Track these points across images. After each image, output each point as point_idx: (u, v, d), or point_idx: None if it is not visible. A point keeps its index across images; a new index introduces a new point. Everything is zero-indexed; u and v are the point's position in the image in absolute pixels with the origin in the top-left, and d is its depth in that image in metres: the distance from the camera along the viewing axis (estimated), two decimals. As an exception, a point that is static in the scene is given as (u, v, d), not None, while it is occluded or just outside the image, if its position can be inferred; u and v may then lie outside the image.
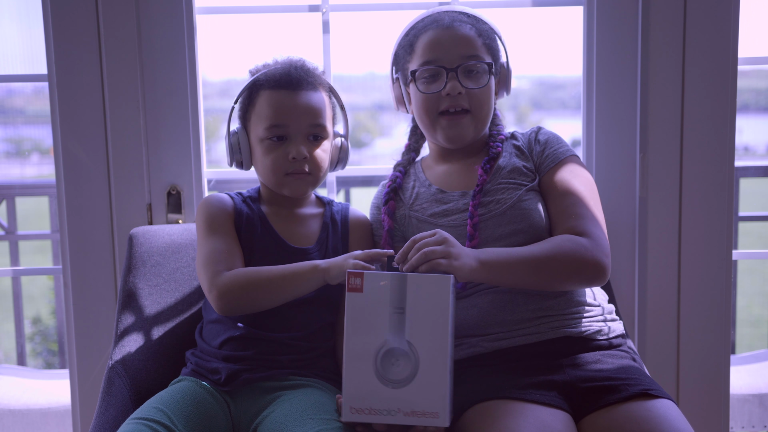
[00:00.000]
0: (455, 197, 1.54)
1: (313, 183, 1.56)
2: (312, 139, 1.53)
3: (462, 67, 1.51)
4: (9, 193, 3.14)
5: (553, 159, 1.54)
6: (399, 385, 1.25)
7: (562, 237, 1.43)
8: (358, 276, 1.26)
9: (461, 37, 1.52)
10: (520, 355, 1.42)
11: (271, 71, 1.55)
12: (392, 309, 1.25)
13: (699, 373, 1.90)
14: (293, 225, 1.57)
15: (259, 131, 1.53)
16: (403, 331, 1.25)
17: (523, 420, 1.27)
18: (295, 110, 1.51)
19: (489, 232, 1.48)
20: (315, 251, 1.54)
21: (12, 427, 2.17)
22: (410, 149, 1.68)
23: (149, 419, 1.31)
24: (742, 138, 7.80)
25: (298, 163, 1.51)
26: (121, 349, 1.58)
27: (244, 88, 1.56)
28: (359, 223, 1.61)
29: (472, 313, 1.47)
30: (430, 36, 1.53)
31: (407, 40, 1.57)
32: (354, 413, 1.26)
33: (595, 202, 1.50)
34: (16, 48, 2.40)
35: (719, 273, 1.88)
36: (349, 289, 1.27)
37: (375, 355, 1.25)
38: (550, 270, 1.39)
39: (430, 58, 1.52)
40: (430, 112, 1.54)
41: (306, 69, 1.56)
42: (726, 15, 1.81)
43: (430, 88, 1.53)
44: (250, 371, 1.44)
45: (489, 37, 1.56)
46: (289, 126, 1.51)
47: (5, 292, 3.92)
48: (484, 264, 1.35)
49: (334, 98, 1.61)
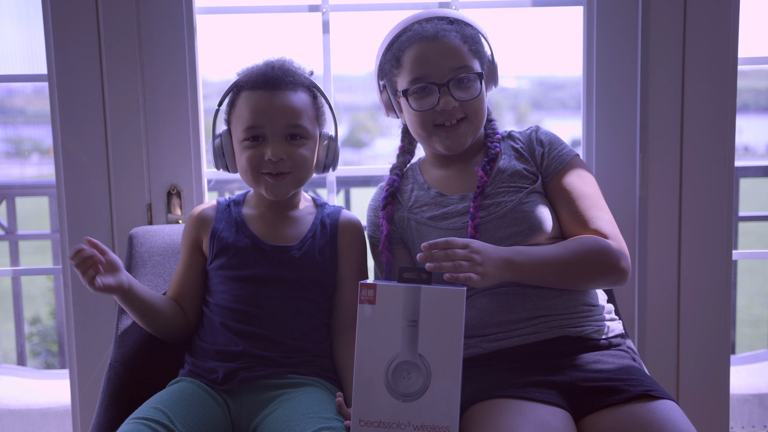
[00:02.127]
0: (455, 200, 1.54)
1: (296, 183, 1.54)
2: (290, 139, 1.51)
3: (452, 81, 1.50)
4: (9, 193, 3.14)
5: (558, 162, 1.54)
6: (410, 399, 1.23)
7: (591, 239, 1.44)
8: (371, 288, 1.25)
9: (448, 49, 1.50)
10: (519, 356, 1.42)
11: (249, 72, 1.54)
12: (405, 322, 1.23)
13: (699, 373, 1.90)
14: (278, 226, 1.57)
15: (238, 133, 1.52)
16: (415, 344, 1.23)
17: (522, 418, 1.26)
18: (270, 110, 1.49)
19: (489, 234, 1.48)
20: (296, 249, 1.53)
21: (12, 427, 2.17)
22: (404, 151, 1.67)
23: (149, 419, 1.31)
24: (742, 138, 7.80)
25: (274, 165, 1.49)
26: (121, 349, 1.58)
27: (227, 90, 1.56)
28: (349, 226, 1.59)
29: (471, 314, 1.47)
30: (416, 51, 1.51)
31: (392, 54, 1.55)
32: (363, 426, 1.25)
33: (604, 204, 1.52)
34: (16, 48, 2.40)
35: (719, 273, 1.88)
36: (361, 301, 1.25)
37: (386, 367, 1.24)
38: (578, 272, 1.42)
39: (419, 75, 1.50)
40: (425, 126, 1.53)
41: (285, 69, 1.53)
42: (726, 15, 1.81)
43: (422, 105, 1.51)
44: (247, 370, 1.44)
45: (474, 40, 1.53)
46: (265, 127, 1.50)
47: (5, 292, 3.92)
48: (514, 267, 1.37)
49: (321, 98, 1.58)
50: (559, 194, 1.52)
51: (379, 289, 1.24)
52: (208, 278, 1.55)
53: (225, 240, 1.54)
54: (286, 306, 1.49)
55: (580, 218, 1.48)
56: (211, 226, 1.57)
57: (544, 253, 1.40)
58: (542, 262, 1.40)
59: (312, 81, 1.57)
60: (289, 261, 1.52)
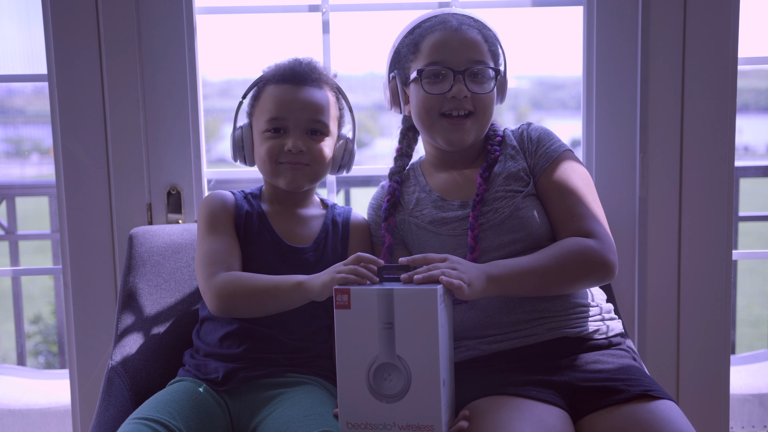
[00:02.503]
0: (455, 206, 1.53)
1: (312, 177, 1.55)
2: (311, 134, 1.53)
3: (469, 71, 1.50)
4: (9, 193, 3.14)
5: (546, 158, 1.52)
6: (393, 400, 1.24)
7: (569, 241, 1.42)
8: (344, 293, 1.25)
9: (469, 41, 1.51)
10: (518, 357, 1.42)
11: (276, 67, 1.57)
12: (381, 324, 1.24)
13: (699, 373, 1.90)
14: (293, 224, 1.57)
15: (261, 124, 1.54)
16: (393, 345, 1.24)
17: (519, 414, 1.27)
18: (295, 104, 1.52)
19: (488, 242, 1.47)
20: (311, 251, 1.54)
21: (12, 427, 2.17)
22: (402, 154, 1.65)
23: (149, 419, 1.31)
24: (742, 138, 7.80)
25: (294, 156, 1.51)
26: (121, 349, 1.58)
27: (252, 83, 1.59)
28: (360, 227, 1.61)
29: (470, 316, 1.47)
30: (437, 37, 1.52)
31: (411, 39, 1.56)
32: (350, 428, 1.26)
33: (593, 198, 1.50)
34: (16, 48, 2.40)
35: (719, 273, 1.88)
36: (336, 306, 1.25)
37: (367, 370, 1.25)
38: (560, 277, 1.40)
39: (437, 59, 1.51)
40: (431, 111, 1.52)
41: (312, 66, 1.57)
42: (726, 15, 1.81)
43: (434, 89, 1.51)
44: (246, 369, 1.44)
45: (493, 44, 1.55)
46: (288, 119, 1.52)
47: (5, 292, 3.92)
48: (494, 280, 1.35)
49: (343, 100, 1.62)
50: (547, 192, 1.50)
51: (353, 293, 1.25)
52: None
53: (248, 233, 1.53)
54: (296, 310, 1.47)
55: (565, 217, 1.47)
56: (233, 211, 1.55)
57: (522, 263, 1.39)
58: (521, 271, 1.37)
59: (336, 83, 1.60)
60: (304, 263, 1.52)
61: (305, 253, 1.53)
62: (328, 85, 1.58)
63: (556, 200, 1.49)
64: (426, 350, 1.23)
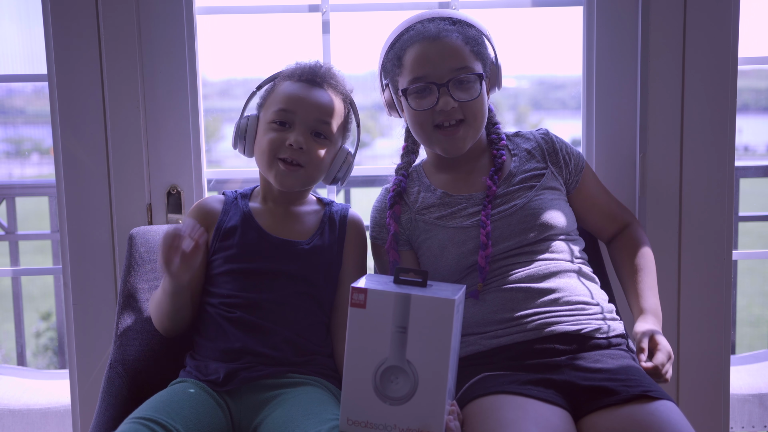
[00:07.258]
0: (462, 200, 1.55)
1: (305, 180, 1.55)
2: (314, 136, 1.54)
3: (452, 81, 1.50)
4: (9, 193, 3.13)
5: (579, 169, 1.61)
6: (397, 402, 1.24)
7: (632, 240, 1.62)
8: (361, 292, 1.25)
9: (449, 49, 1.50)
10: (519, 353, 1.43)
11: (296, 66, 1.59)
12: (394, 327, 1.24)
13: (699, 373, 1.90)
14: (286, 221, 1.58)
15: (269, 114, 1.55)
16: (403, 350, 1.23)
17: (522, 412, 1.27)
18: (306, 101, 1.54)
19: (499, 232, 1.49)
20: (304, 244, 1.54)
21: (12, 427, 2.17)
22: (408, 151, 1.67)
23: (148, 419, 1.31)
24: (742, 138, 7.80)
25: (294, 152, 1.52)
26: (121, 349, 1.58)
27: (270, 77, 1.60)
28: (356, 224, 1.62)
29: (474, 311, 1.48)
30: (417, 50, 1.51)
31: (394, 53, 1.56)
32: (351, 425, 1.26)
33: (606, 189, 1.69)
34: (16, 48, 2.40)
35: (719, 273, 1.88)
36: (352, 304, 1.25)
37: (374, 371, 1.24)
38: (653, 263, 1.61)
39: (419, 74, 1.51)
40: (424, 126, 1.53)
41: (332, 73, 1.59)
42: (726, 15, 1.81)
43: (421, 105, 1.51)
44: (247, 370, 1.44)
45: (476, 42, 1.54)
46: (296, 114, 1.53)
47: (5, 292, 3.92)
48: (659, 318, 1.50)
49: (352, 114, 1.63)
50: (587, 200, 1.63)
51: (370, 293, 1.25)
52: (212, 269, 1.55)
53: (232, 232, 1.55)
54: (287, 300, 1.50)
55: (609, 216, 1.65)
56: (217, 218, 1.58)
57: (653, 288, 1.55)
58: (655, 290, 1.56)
59: (351, 96, 1.62)
60: (297, 255, 1.53)
61: (298, 245, 1.54)
62: (342, 95, 1.59)
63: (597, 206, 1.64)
64: (436, 358, 1.23)
